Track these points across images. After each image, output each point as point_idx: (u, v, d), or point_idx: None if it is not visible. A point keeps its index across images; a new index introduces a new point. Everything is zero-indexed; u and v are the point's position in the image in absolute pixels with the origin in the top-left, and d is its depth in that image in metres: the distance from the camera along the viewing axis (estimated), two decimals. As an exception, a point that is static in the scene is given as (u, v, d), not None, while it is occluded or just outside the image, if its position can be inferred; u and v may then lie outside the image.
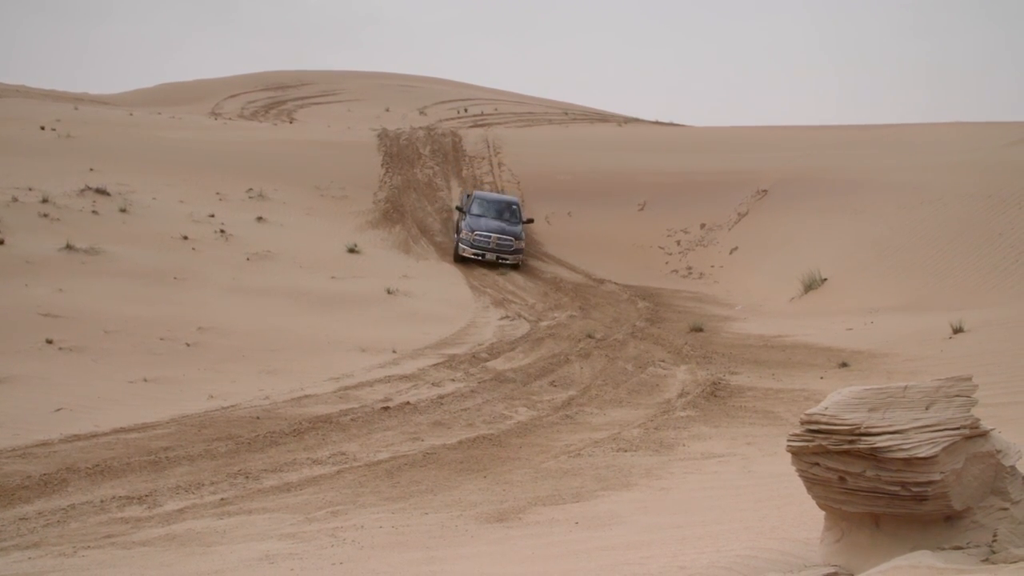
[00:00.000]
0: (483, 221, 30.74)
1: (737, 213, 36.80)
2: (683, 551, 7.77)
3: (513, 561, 8.29)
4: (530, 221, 32.67)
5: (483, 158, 44.24)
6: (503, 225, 30.79)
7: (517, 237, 30.59)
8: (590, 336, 21.65)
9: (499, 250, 30.15)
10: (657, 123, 75.17)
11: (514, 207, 32.32)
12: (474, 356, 19.47)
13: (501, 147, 45.40)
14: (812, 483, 6.23)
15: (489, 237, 30.13)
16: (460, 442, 13.50)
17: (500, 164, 43.24)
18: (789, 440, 6.23)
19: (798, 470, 6.30)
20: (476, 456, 12.81)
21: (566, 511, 10.15)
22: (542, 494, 10.91)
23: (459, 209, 32.14)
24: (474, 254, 29.99)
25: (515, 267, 30.41)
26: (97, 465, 12.15)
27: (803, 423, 6.14)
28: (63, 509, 10.53)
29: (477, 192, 33.77)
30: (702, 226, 36.59)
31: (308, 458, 12.68)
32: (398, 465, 12.36)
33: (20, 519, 10.16)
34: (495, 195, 33.99)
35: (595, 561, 7.98)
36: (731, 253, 34.13)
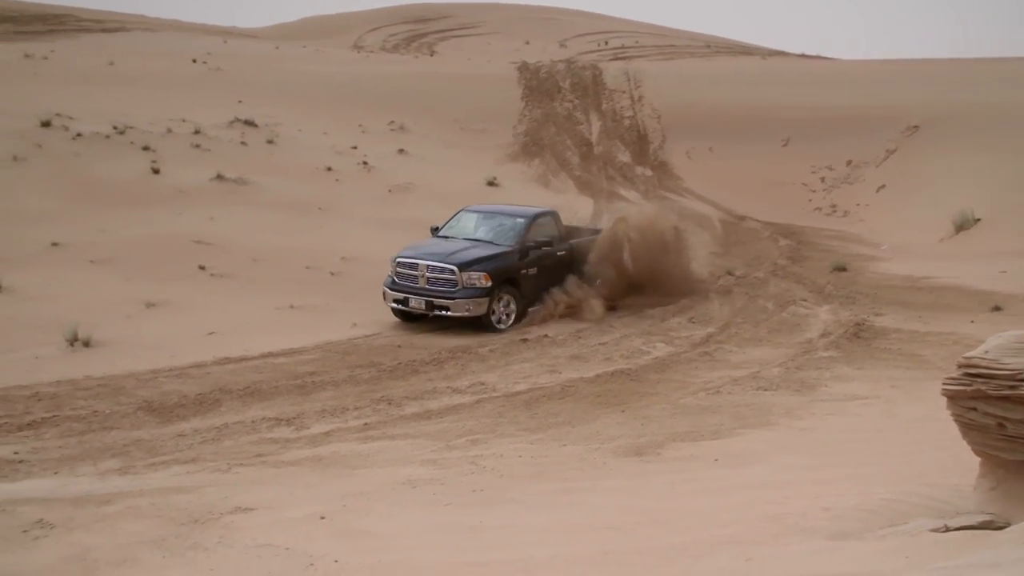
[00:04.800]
0: (429, 246, 17.47)
1: (885, 150, 35.53)
2: (825, 492, 7.65)
3: (651, 495, 8.31)
4: (548, 244, 17.61)
5: (623, 92, 43.66)
6: (458, 250, 16.97)
7: (480, 269, 16.46)
8: (730, 273, 21.34)
9: (431, 292, 16.35)
10: (803, 56, 72.91)
11: (519, 221, 17.89)
12: (612, 291, 19.41)
13: (642, 81, 44.70)
14: (968, 428, 6.04)
15: (415, 270, 16.59)
16: (598, 376, 13.54)
17: (640, 98, 42.61)
18: (945, 384, 6.04)
19: (953, 415, 6.11)
20: (614, 390, 12.83)
21: (704, 448, 10.11)
22: (680, 430, 10.88)
23: (433, 231, 18.52)
24: (395, 302, 16.64)
25: (493, 328, 16.45)
26: (248, 387, 12.64)
27: (960, 367, 5.95)
28: (217, 428, 10.99)
29: (468, 207, 19.22)
30: (848, 163, 35.47)
31: (448, 387, 12.91)
32: (536, 396, 12.48)
33: (178, 435, 10.66)
34: (497, 208, 19.45)
35: (734, 498, 7.93)
36: (878, 191, 33.03)
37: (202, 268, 18.77)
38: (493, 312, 16.58)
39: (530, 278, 17.31)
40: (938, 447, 8.87)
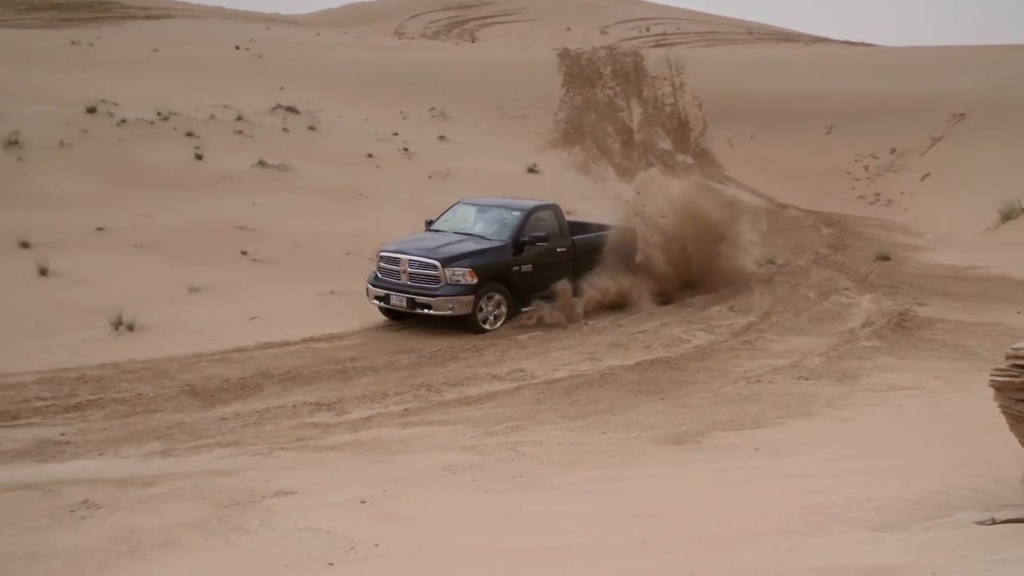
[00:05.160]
0: (416, 240, 16.61)
1: (931, 138, 35.14)
2: (868, 483, 7.59)
3: (691, 484, 8.28)
4: (544, 239, 16.35)
5: (664, 79, 43.42)
6: (444, 244, 15.99)
7: (464, 265, 15.43)
8: (771, 262, 21.19)
9: (414, 289, 15.37)
10: (847, 43, 72.14)
11: (515, 215, 16.76)
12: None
13: (683, 67, 44.42)
14: (1016, 420, 5.96)
15: (397, 265, 15.67)
16: (637, 363, 13.50)
17: (681, 85, 42.37)
18: (993, 375, 5.96)
19: (1001, 406, 6.03)
20: (653, 378, 12.78)
21: (745, 437, 10.05)
22: (720, 419, 10.82)
23: (428, 224, 17.60)
24: (376, 299, 15.80)
25: (479, 328, 15.37)
26: (289, 372, 12.73)
27: (1009, 357, 5.86)
28: (258, 412, 11.08)
29: (465, 200, 18.36)
30: (892, 151, 35.12)
31: (487, 373, 12.92)
32: (575, 384, 12.46)
33: (221, 419, 10.76)
34: (494, 201, 18.00)
35: (775, 488, 7.88)
36: (923, 180, 32.66)
37: (244, 253, 18.92)
38: (480, 311, 15.51)
39: (524, 276, 16.14)
40: (984, 439, 8.76)
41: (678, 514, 7.22)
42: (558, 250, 16.82)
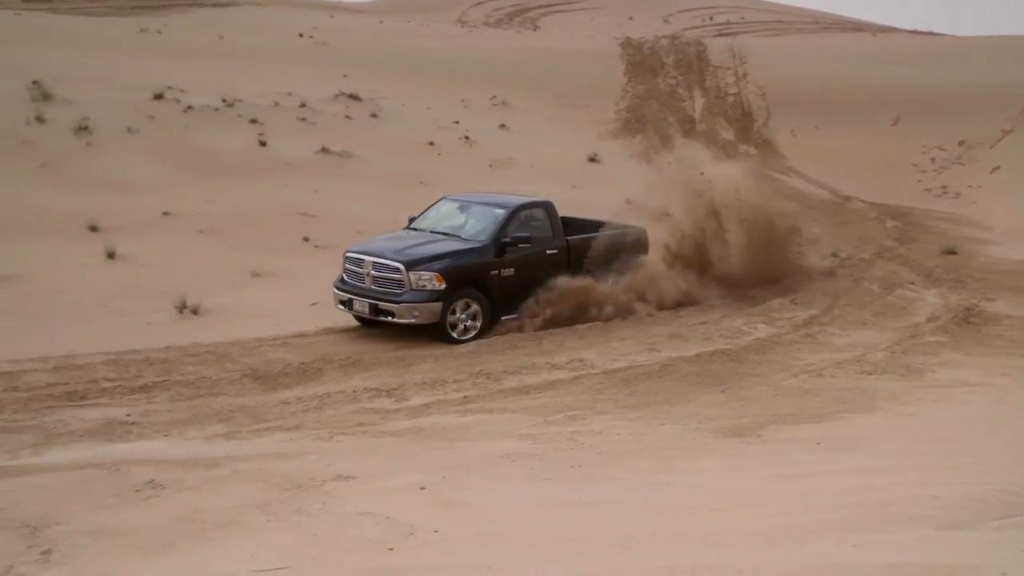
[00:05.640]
0: (385, 240, 15.30)
1: (1001, 130, 34.43)
2: (933, 480, 7.47)
3: (752, 477, 8.20)
4: (526, 240, 14.86)
5: (727, 68, 43.00)
6: (413, 245, 14.65)
7: (432, 268, 14.06)
8: (834, 255, 20.92)
9: (376, 294, 14.12)
10: (914, 32, 70.89)
11: (498, 212, 15.28)
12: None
13: (747, 57, 43.95)
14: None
15: (361, 267, 14.44)
16: (697, 355, 13.41)
17: (745, 75, 41.93)
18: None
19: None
20: (713, 370, 12.69)
21: (806, 431, 9.94)
22: (781, 412, 10.71)
23: (410, 221, 16.24)
24: (341, 304, 14.59)
25: (449, 339, 14.03)
26: (349, 357, 12.85)
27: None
28: (319, 397, 11.18)
29: (450, 195, 16.97)
30: (960, 143, 34.46)
31: (546, 362, 12.91)
32: (635, 374, 12.41)
33: (282, 403, 10.88)
34: (478, 197, 16.47)
35: (837, 483, 7.79)
36: (992, 172, 32.03)
37: (306, 239, 19.09)
38: (452, 319, 14.13)
39: (505, 280, 14.73)
40: (1053, 438, 8.61)
41: (738, 507, 7.16)
42: (548, 252, 15.37)
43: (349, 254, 14.79)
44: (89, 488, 7.86)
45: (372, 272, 14.31)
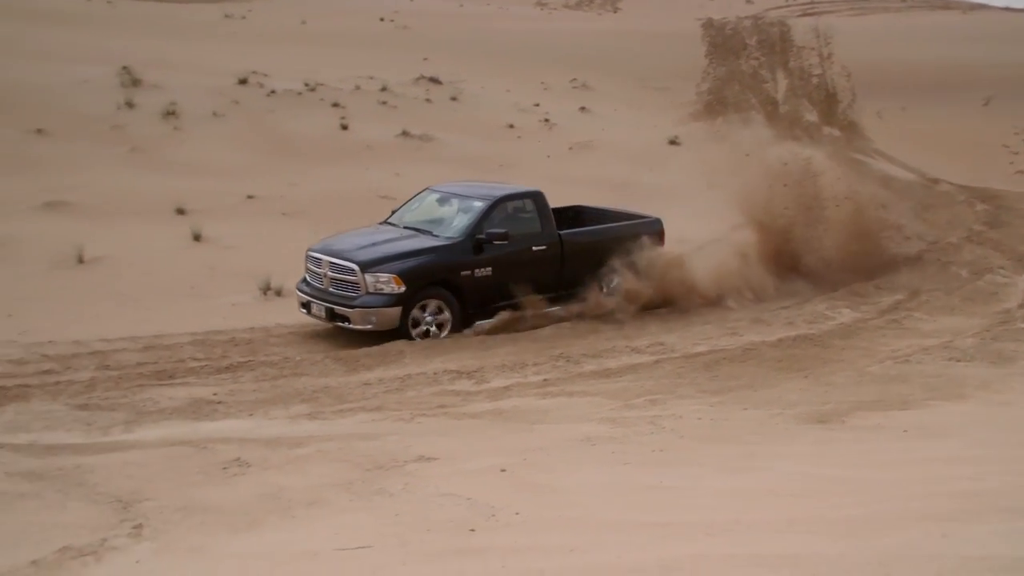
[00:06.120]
0: (349, 237, 14.12)
1: (1098, 110, 33.36)
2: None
3: (835, 464, 8.08)
4: (502, 237, 13.50)
5: (812, 49, 42.17)
6: (375, 243, 13.53)
7: (389, 269, 12.91)
8: (920, 238, 20.47)
9: (333, 297, 13.09)
10: (1007, 10, 68.86)
11: (476, 205, 14.00)
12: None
13: (832, 37, 43.08)
14: None
15: (319, 267, 13.43)
16: (780, 340, 13.25)
17: (829, 55, 41.10)
18: None
19: None
20: (796, 355, 12.53)
21: (892, 418, 9.76)
22: (866, 399, 10.54)
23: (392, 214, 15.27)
24: (302, 306, 13.54)
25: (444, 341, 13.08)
26: (429, 340, 12.92)
27: None
28: (400, 378, 11.29)
29: (434, 186, 15.42)
30: (1055, 124, 33.46)
31: (627, 346, 12.87)
32: (716, 359, 12.31)
33: (364, 384, 11.01)
34: (458, 188, 14.97)
35: (924, 472, 7.63)
36: (1088, 155, 31.04)
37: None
38: (415, 324, 12.99)
39: (481, 281, 13.46)
40: None
41: (822, 494, 7.06)
42: (535, 248, 14.02)
43: (310, 252, 13.66)
44: (177, 465, 8.04)
45: (329, 273, 13.23)
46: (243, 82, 29.07)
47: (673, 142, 29.95)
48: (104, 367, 11.30)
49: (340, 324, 13.03)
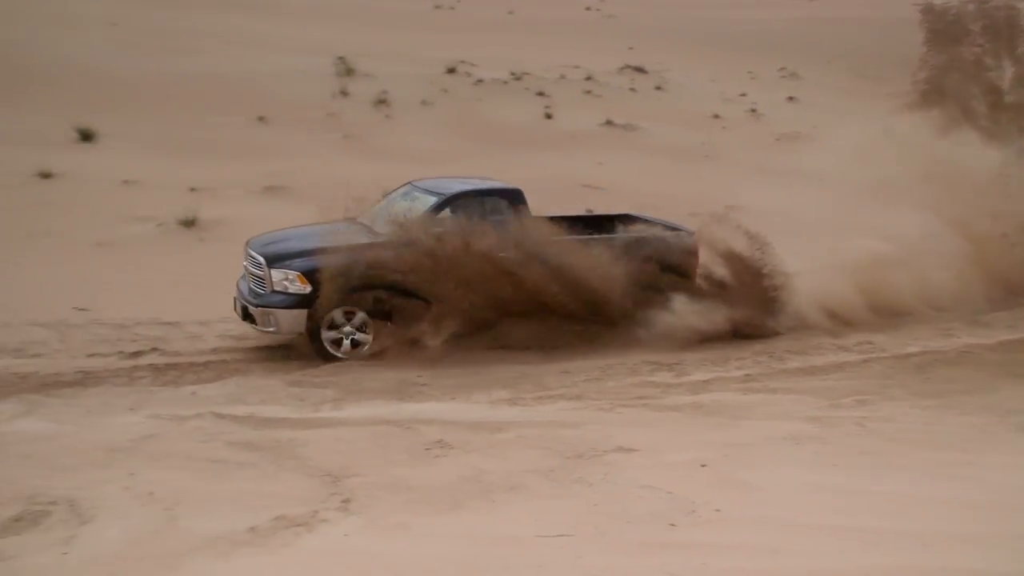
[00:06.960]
0: (288, 231, 12.49)
1: None
2: None
3: (1061, 477, 7.60)
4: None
5: (1042, 34, 39.74)
6: (296, 237, 11.98)
7: (297, 267, 11.30)
8: None
9: (250, 295, 11.60)
10: None
11: (428, 203, 12.14)
12: None
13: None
14: None
15: (246, 259, 11.99)
16: (1000, 343, 12.55)
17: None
18: None
19: None
20: (1019, 359, 11.82)
21: None
22: (1097, 410, 9.85)
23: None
24: (241, 309, 11.75)
25: (327, 355, 11.36)
26: (629, 329, 12.80)
27: None
28: (600, 367, 11.26)
29: (415, 181, 13.16)
30: None
31: (834, 343, 12.47)
32: (929, 360, 11.77)
33: (563, 372, 11.04)
34: (426, 184, 12.84)
35: None
36: None
37: (590, 212, 19.23)
38: (330, 333, 11.36)
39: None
40: None
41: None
42: (502, 256, 11.60)
43: (249, 256, 11.93)
44: (384, 443, 8.29)
45: (250, 269, 11.82)
46: (451, 71, 29.71)
47: (884, 134, 28.74)
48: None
49: (252, 326, 11.61)
